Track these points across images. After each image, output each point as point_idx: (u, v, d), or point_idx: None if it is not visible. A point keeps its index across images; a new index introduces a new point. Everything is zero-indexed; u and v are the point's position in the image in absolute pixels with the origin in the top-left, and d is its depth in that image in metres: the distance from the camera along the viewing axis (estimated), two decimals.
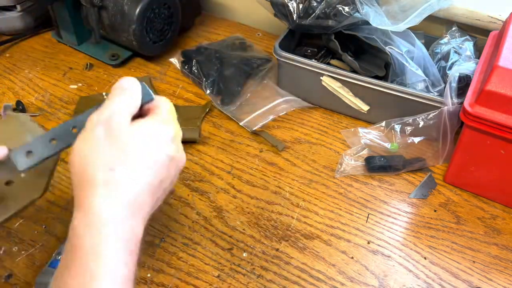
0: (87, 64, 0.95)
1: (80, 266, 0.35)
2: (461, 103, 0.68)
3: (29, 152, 0.43)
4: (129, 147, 0.38)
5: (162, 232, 0.67)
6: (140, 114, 0.43)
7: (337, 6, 0.77)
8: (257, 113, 0.84)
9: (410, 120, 0.75)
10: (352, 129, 0.80)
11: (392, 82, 0.79)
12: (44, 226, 0.68)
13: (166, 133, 0.41)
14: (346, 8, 0.77)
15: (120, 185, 0.37)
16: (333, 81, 0.80)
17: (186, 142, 0.79)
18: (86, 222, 0.36)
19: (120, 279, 0.35)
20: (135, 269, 0.37)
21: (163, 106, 0.43)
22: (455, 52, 0.78)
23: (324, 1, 0.77)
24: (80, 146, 0.39)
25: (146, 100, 0.43)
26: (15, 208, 0.45)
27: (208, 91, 0.88)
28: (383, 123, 0.78)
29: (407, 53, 0.77)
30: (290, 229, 0.67)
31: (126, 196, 0.37)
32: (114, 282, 0.35)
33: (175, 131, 0.43)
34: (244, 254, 0.64)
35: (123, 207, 0.37)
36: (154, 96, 0.44)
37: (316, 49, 0.88)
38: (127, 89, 0.42)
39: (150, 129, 0.40)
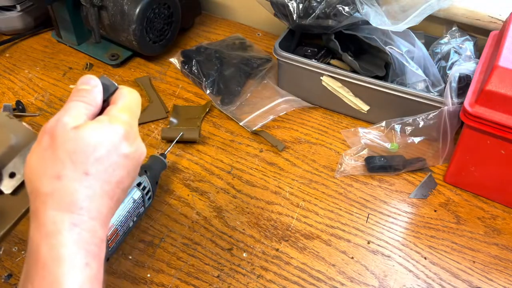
0: (87, 64, 0.95)
1: (42, 276, 0.35)
2: (461, 103, 0.68)
3: (12, 174, 0.44)
4: (76, 154, 0.37)
5: (162, 232, 0.67)
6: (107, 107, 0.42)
7: (337, 6, 0.77)
8: (257, 113, 0.84)
9: (410, 120, 0.75)
10: (352, 129, 0.80)
11: (392, 82, 0.79)
12: None
13: (115, 133, 0.39)
14: (346, 8, 0.77)
15: (68, 192, 0.36)
16: (333, 81, 0.80)
17: (186, 142, 0.79)
18: (41, 232, 0.36)
19: (83, 281, 0.35)
20: (101, 266, 0.37)
21: (120, 100, 0.41)
22: (455, 52, 0.78)
23: (324, 1, 0.77)
24: (29, 157, 0.39)
25: (111, 92, 0.42)
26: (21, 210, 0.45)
27: (208, 91, 0.88)
28: (383, 123, 0.78)
29: (407, 53, 0.77)
30: (290, 229, 0.67)
31: (77, 202, 0.36)
32: (77, 285, 0.35)
33: (126, 127, 0.39)
34: (244, 254, 0.64)
35: (75, 213, 0.36)
36: (117, 85, 0.43)
37: (316, 49, 0.87)
38: (80, 90, 0.41)
39: (96, 132, 0.38)
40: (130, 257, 0.64)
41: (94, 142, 0.38)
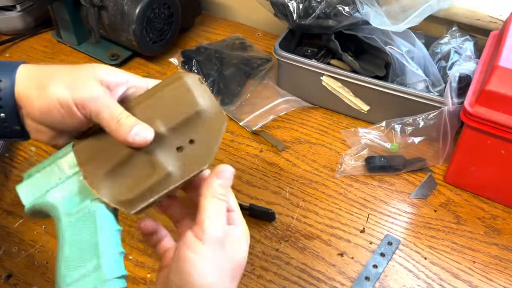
0: None
1: None
2: (462, 103, 0.68)
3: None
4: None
5: None
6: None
7: (337, 6, 0.77)
8: (257, 113, 0.84)
9: (410, 120, 0.75)
10: (352, 129, 0.80)
11: (392, 82, 0.79)
12: (44, 227, 0.68)
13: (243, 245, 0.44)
14: (346, 8, 0.77)
15: None
16: (333, 81, 0.80)
17: None
18: None
19: None
20: None
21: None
22: (456, 52, 0.78)
23: (324, 1, 0.77)
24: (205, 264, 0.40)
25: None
26: (182, 178, 0.43)
27: None
28: (383, 123, 0.78)
29: (407, 53, 0.77)
30: (290, 229, 0.67)
31: None
32: None
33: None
34: None
35: None
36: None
37: (316, 49, 0.87)
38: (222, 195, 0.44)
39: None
40: (130, 257, 0.64)
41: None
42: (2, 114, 0.42)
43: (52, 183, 0.44)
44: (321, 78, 0.81)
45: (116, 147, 0.43)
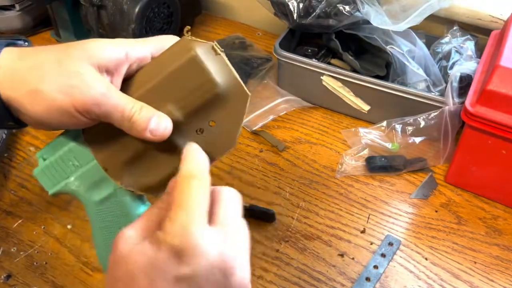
0: None
1: None
2: (462, 103, 0.67)
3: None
4: None
5: None
6: None
7: (337, 5, 0.76)
8: (257, 113, 0.84)
9: (411, 120, 0.75)
10: (353, 129, 0.80)
11: (393, 81, 0.78)
12: (43, 227, 0.67)
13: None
14: (347, 7, 0.76)
15: None
16: (333, 80, 0.80)
17: None
18: None
19: None
20: None
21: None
22: (456, 51, 0.78)
23: (324, 0, 0.77)
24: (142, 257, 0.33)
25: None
26: (237, 126, 0.39)
27: None
28: (384, 123, 0.77)
29: (408, 53, 0.77)
30: (290, 229, 0.67)
31: None
32: None
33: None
34: None
35: None
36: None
37: (316, 49, 0.87)
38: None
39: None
40: None
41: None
42: None
43: (69, 170, 0.42)
44: (322, 77, 0.81)
45: (128, 135, 0.39)
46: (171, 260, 0.31)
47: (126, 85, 0.39)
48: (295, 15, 0.79)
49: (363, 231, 0.67)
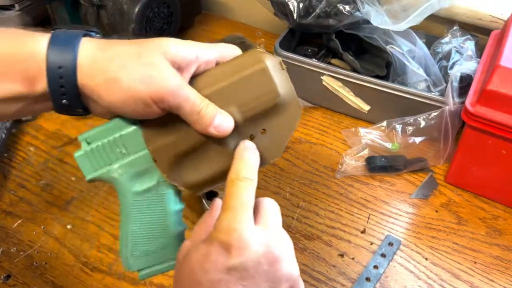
0: None
1: None
2: (463, 102, 0.67)
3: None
4: None
5: None
6: None
7: (337, 5, 0.76)
8: None
9: (411, 120, 0.75)
10: (353, 129, 0.80)
11: (393, 81, 0.78)
12: (42, 227, 0.67)
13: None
14: (347, 7, 0.76)
15: None
16: (333, 80, 0.80)
17: None
18: None
19: None
20: None
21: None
22: (457, 51, 0.78)
23: (324, 0, 0.77)
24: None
25: None
26: (286, 138, 0.43)
27: None
28: (384, 123, 0.77)
29: (408, 53, 0.77)
30: (290, 229, 0.67)
31: None
32: None
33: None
34: None
35: None
36: None
37: (316, 49, 0.87)
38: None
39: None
40: None
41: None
42: (64, 101, 0.39)
43: (114, 157, 0.42)
44: (322, 77, 0.80)
45: (186, 129, 0.41)
46: (221, 254, 0.36)
47: (192, 84, 0.41)
48: (295, 15, 0.79)
49: (363, 231, 0.67)
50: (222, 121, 0.40)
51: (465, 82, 0.71)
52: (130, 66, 0.38)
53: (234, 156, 0.41)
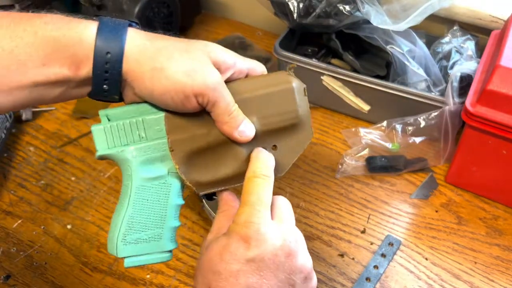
0: None
1: None
2: (463, 102, 0.67)
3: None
4: None
5: None
6: None
7: (337, 5, 0.76)
8: None
9: (412, 120, 0.75)
10: (353, 129, 0.79)
11: (393, 81, 0.78)
12: (42, 227, 0.67)
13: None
14: (347, 7, 0.76)
15: None
16: (333, 80, 0.80)
17: None
18: None
19: None
20: None
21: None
22: (457, 51, 0.78)
23: (324, 0, 0.77)
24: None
25: None
26: (292, 159, 0.46)
27: None
28: (384, 123, 0.77)
29: (408, 53, 0.77)
30: None
31: None
32: None
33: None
34: None
35: None
36: None
37: (316, 48, 0.87)
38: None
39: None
40: None
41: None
42: (105, 86, 0.40)
43: (132, 138, 0.43)
44: (322, 77, 0.80)
45: (207, 128, 0.43)
46: (240, 245, 0.38)
47: None
48: (295, 15, 0.79)
49: (363, 231, 0.67)
50: (246, 128, 0.43)
51: (465, 82, 0.71)
52: (177, 58, 0.40)
53: (250, 159, 0.43)
